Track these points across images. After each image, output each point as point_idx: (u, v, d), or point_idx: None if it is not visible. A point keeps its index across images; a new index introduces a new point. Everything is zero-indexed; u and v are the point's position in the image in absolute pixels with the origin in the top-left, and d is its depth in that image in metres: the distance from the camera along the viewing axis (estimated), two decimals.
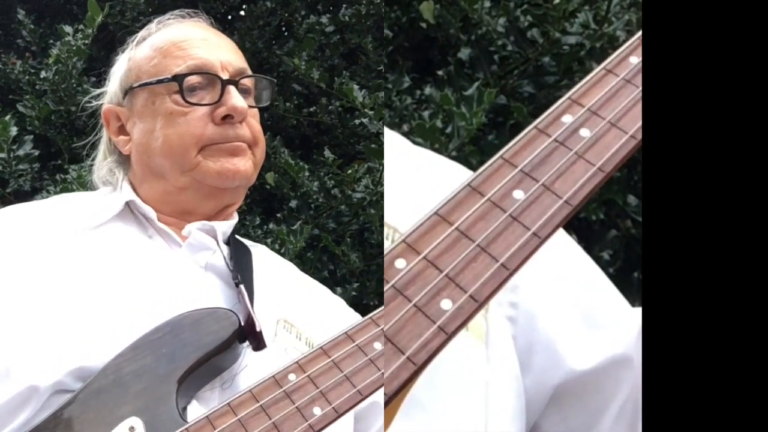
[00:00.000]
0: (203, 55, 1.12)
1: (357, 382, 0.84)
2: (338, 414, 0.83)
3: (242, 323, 0.97)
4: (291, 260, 1.95)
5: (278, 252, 1.94)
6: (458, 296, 0.55)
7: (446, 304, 0.55)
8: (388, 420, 0.58)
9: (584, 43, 1.90)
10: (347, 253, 2.08)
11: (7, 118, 2.01)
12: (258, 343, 0.97)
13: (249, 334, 0.97)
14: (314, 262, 2.10)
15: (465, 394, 0.82)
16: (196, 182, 1.10)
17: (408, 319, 0.54)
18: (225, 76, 1.11)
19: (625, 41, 1.87)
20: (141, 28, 1.23)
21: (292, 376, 0.86)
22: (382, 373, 0.82)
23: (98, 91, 1.24)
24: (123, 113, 1.16)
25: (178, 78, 1.09)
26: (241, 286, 1.03)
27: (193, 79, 1.10)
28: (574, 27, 1.94)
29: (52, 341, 0.93)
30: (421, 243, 0.57)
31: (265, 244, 1.99)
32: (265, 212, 2.29)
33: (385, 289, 0.56)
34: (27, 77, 2.24)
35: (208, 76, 1.10)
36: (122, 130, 1.17)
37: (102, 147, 1.22)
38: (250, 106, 1.13)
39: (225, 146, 1.09)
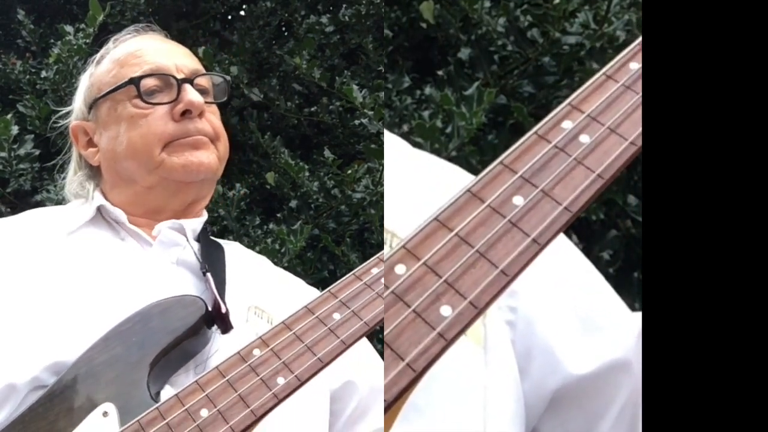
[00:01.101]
0: (158, 59, 1.17)
1: (317, 350, 0.87)
2: (301, 382, 0.86)
3: (209, 308, 1.01)
4: (291, 260, 1.96)
5: (278, 252, 1.95)
6: (458, 302, 0.55)
7: (446, 311, 0.55)
8: (387, 426, 0.58)
9: (584, 43, 1.90)
10: (347, 253, 2.08)
11: (9, 117, 2.01)
12: (225, 326, 1.01)
13: (216, 318, 1.01)
14: (314, 262, 2.11)
15: (464, 399, 0.82)
16: (163, 179, 1.13)
17: (407, 325, 0.54)
18: (180, 76, 1.15)
19: (625, 41, 1.86)
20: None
21: (256, 351, 0.89)
22: (342, 341, 0.86)
23: (65, 109, 1.29)
24: (90, 127, 1.21)
25: (135, 80, 1.14)
26: (208, 274, 1.07)
27: (150, 82, 1.15)
28: (574, 27, 1.94)
29: (27, 339, 0.96)
30: (420, 249, 0.57)
31: (265, 244, 2.00)
32: (265, 212, 2.29)
33: (384, 294, 0.56)
34: (27, 77, 2.24)
35: (164, 77, 1.15)
36: (90, 143, 1.22)
37: (72, 164, 1.27)
38: (208, 102, 1.18)
39: (187, 140, 1.13)
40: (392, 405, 0.53)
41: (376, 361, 1.19)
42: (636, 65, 0.63)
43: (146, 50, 1.19)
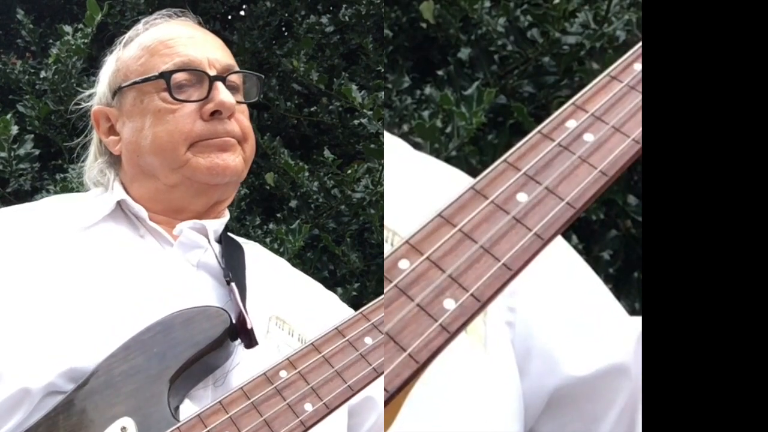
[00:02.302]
0: (190, 52, 1.12)
1: (348, 377, 0.84)
2: (329, 409, 0.83)
3: (233, 321, 0.98)
4: (290, 260, 1.96)
5: (278, 252, 1.95)
6: (461, 296, 0.55)
7: (449, 304, 0.55)
8: (388, 421, 0.58)
9: (584, 43, 1.90)
10: (347, 253, 2.08)
11: (8, 116, 2.01)
12: (249, 341, 0.97)
13: (240, 332, 0.98)
14: (314, 262, 2.10)
15: (464, 397, 0.82)
16: (187, 179, 1.10)
17: (411, 319, 0.55)
18: (212, 72, 1.11)
19: (625, 41, 1.85)
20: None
21: (283, 373, 0.86)
22: (374, 368, 0.83)
23: (87, 92, 1.24)
24: (112, 113, 1.17)
25: (165, 75, 1.10)
26: (233, 284, 1.03)
27: (180, 77, 1.10)
28: (574, 27, 1.94)
29: (43, 343, 0.93)
30: (424, 244, 0.57)
31: (265, 244, 2.00)
32: (265, 212, 2.29)
33: (387, 288, 0.56)
34: (27, 77, 2.24)
35: (196, 72, 1.11)
36: (112, 130, 1.17)
37: (92, 148, 1.23)
38: (239, 102, 1.14)
39: (214, 142, 1.09)
40: (393, 397, 0.53)
41: None
42: (640, 66, 0.63)
43: (178, 40, 1.14)
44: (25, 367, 0.92)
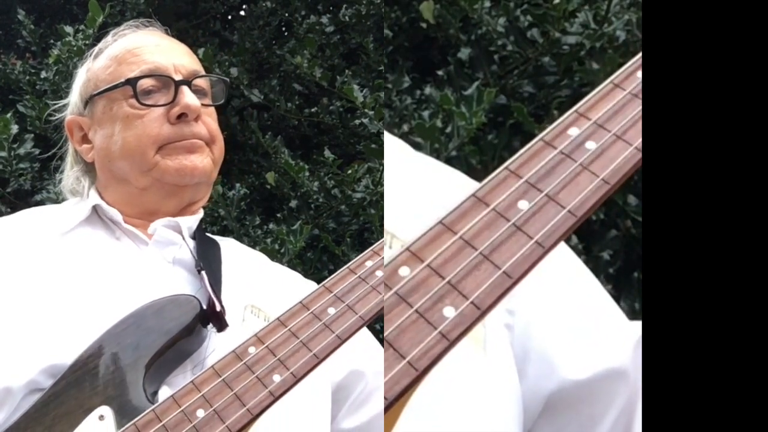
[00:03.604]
0: (156, 59, 1.16)
1: (313, 346, 0.87)
2: (297, 378, 0.86)
3: (204, 307, 1.01)
4: (291, 260, 1.96)
5: (278, 252, 1.95)
6: (461, 304, 0.55)
7: (449, 312, 0.55)
8: (388, 426, 0.58)
9: (584, 43, 1.90)
10: (347, 253, 2.08)
11: (8, 115, 2.01)
12: (220, 325, 1.01)
13: (211, 317, 1.01)
14: (314, 262, 2.11)
15: (464, 400, 0.82)
16: (157, 181, 1.13)
17: (409, 325, 0.54)
18: (178, 77, 1.15)
19: (625, 41, 1.84)
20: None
21: (251, 349, 0.89)
22: (337, 335, 0.86)
23: (61, 102, 1.28)
24: (85, 122, 1.20)
25: (132, 81, 1.14)
26: (203, 273, 1.06)
27: (147, 82, 1.14)
28: (574, 27, 1.94)
29: (23, 342, 0.96)
30: (425, 251, 0.57)
31: (265, 244, 2.00)
32: (265, 212, 2.29)
33: (387, 295, 0.56)
34: (27, 77, 2.24)
35: (162, 78, 1.14)
36: (85, 139, 1.21)
37: (68, 158, 1.27)
38: (206, 105, 1.17)
39: (182, 144, 1.13)
40: (393, 404, 0.53)
41: (377, 347, 1.19)
42: None
43: (145, 48, 1.18)
44: (5, 366, 0.94)
